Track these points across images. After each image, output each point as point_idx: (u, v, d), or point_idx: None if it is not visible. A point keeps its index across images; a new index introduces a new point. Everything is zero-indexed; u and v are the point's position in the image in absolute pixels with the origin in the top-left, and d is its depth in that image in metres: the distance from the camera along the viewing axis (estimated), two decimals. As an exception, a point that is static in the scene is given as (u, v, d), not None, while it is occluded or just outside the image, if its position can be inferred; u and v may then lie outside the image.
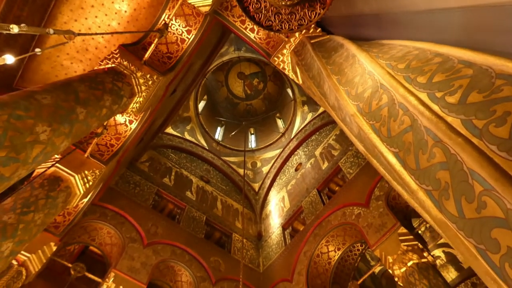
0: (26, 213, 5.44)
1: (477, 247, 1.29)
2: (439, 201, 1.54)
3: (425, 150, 1.68)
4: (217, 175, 13.73)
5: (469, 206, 1.34)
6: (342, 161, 10.57)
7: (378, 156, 2.26)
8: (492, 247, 1.21)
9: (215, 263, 9.65)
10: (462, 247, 1.41)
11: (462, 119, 1.48)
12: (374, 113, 2.30)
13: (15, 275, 6.61)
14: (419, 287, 6.22)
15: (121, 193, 9.41)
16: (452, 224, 1.45)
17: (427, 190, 1.65)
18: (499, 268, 1.18)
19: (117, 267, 7.68)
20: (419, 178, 1.73)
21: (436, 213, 1.58)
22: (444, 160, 1.52)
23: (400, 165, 1.92)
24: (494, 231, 1.20)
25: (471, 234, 1.33)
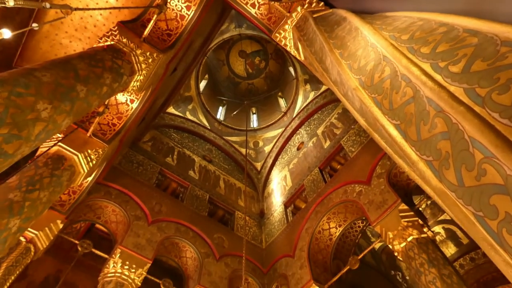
0: (32, 191, 5.53)
1: (475, 214, 1.30)
2: (439, 171, 1.55)
3: (426, 121, 1.67)
4: (219, 154, 13.80)
5: (469, 175, 1.34)
6: (344, 139, 10.56)
7: (380, 130, 2.25)
8: (490, 214, 1.22)
9: (218, 240, 9.87)
10: (460, 215, 1.43)
11: (465, 88, 1.46)
12: (376, 86, 2.27)
13: (23, 252, 6.80)
14: (418, 261, 6.35)
15: (124, 172, 9.52)
16: (451, 193, 1.46)
17: (427, 160, 1.65)
18: (497, 234, 1.20)
19: (123, 244, 7.87)
20: (420, 149, 1.72)
21: (436, 183, 1.59)
22: (445, 130, 1.51)
23: (401, 137, 1.91)
24: (493, 198, 1.21)
25: (470, 202, 1.34)
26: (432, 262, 6.16)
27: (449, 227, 12.58)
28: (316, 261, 8.88)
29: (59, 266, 10.34)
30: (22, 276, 9.62)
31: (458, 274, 6.15)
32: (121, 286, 7.33)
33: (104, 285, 7.30)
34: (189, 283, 8.89)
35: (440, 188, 1.56)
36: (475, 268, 11.35)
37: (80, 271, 10.68)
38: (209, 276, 8.68)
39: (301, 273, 8.62)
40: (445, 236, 12.64)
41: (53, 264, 10.39)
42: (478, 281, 10.99)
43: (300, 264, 8.86)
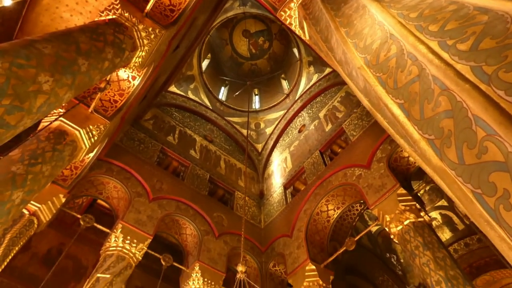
0: (34, 164, 5.58)
1: (474, 191, 1.31)
2: (440, 150, 1.55)
3: (430, 100, 1.65)
4: (221, 135, 13.81)
5: (469, 152, 1.34)
6: (346, 123, 10.52)
7: (383, 109, 2.24)
8: (488, 191, 1.23)
9: (218, 218, 10.04)
10: (459, 192, 1.44)
11: (471, 65, 1.44)
12: (382, 65, 2.24)
13: (27, 224, 6.93)
14: (413, 244, 6.47)
15: (126, 149, 9.56)
16: (451, 171, 1.47)
17: (429, 139, 1.65)
18: (494, 211, 1.22)
19: (124, 219, 8.01)
20: (422, 128, 1.72)
21: (436, 161, 1.60)
22: (449, 108, 1.50)
23: (404, 116, 1.90)
24: (493, 175, 1.21)
25: (469, 180, 1.35)
26: (427, 245, 6.28)
27: (445, 213, 12.74)
28: (313, 242, 9.06)
29: (61, 239, 10.59)
30: (26, 248, 9.87)
31: (452, 257, 6.28)
32: (122, 259, 7.52)
33: (106, 258, 7.48)
34: (189, 259, 9.11)
35: (440, 166, 1.56)
36: (469, 253, 11.58)
37: (83, 245, 10.95)
38: (208, 253, 8.88)
39: (298, 252, 8.82)
40: (441, 222, 12.83)
41: (56, 237, 10.63)
42: (470, 265, 11.24)
43: (297, 244, 9.04)
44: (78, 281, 10.09)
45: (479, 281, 11.05)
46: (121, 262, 7.44)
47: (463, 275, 5.78)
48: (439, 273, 5.72)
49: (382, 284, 12.18)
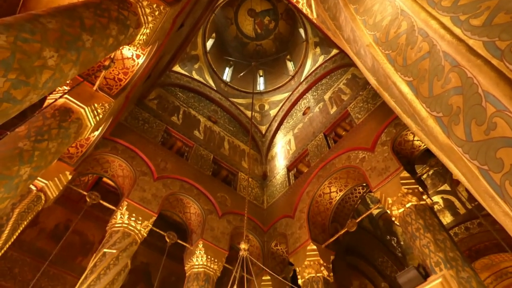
0: (40, 141, 5.64)
1: (480, 168, 1.32)
2: (448, 127, 1.54)
3: (440, 76, 1.63)
4: (225, 116, 13.78)
5: (478, 129, 1.33)
6: (351, 106, 10.43)
7: (391, 88, 2.21)
8: (495, 167, 1.23)
9: (221, 198, 10.18)
10: (464, 169, 1.44)
11: (484, 41, 1.40)
12: (391, 42, 2.19)
13: (34, 199, 7.09)
14: (414, 226, 6.54)
15: (130, 129, 9.60)
16: (458, 148, 1.46)
17: (437, 117, 1.64)
18: (499, 186, 1.22)
19: (130, 197, 8.15)
20: (430, 105, 1.70)
21: (443, 139, 1.59)
22: (459, 84, 1.48)
23: (412, 94, 1.88)
24: (500, 151, 1.21)
25: (475, 156, 1.35)
26: (428, 227, 6.34)
27: (448, 197, 12.79)
28: (315, 223, 9.19)
29: (68, 216, 10.84)
30: (34, 223, 10.14)
31: (452, 239, 6.35)
32: (128, 236, 7.71)
33: (112, 234, 7.67)
34: (193, 237, 9.31)
35: (447, 144, 1.56)
36: (469, 237, 11.70)
37: (89, 221, 11.21)
38: (212, 231, 9.06)
39: (300, 232, 8.96)
40: (443, 206, 12.89)
41: (63, 213, 10.88)
42: (470, 249, 11.38)
43: (299, 225, 9.17)
44: (85, 256, 10.40)
45: (477, 264, 11.22)
46: (126, 238, 7.63)
47: (462, 257, 5.86)
48: (439, 254, 5.81)
49: (381, 265, 12.42)
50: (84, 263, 9.98)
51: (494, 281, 11.64)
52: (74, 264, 10.15)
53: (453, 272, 5.46)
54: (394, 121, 8.40)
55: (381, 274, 12.29)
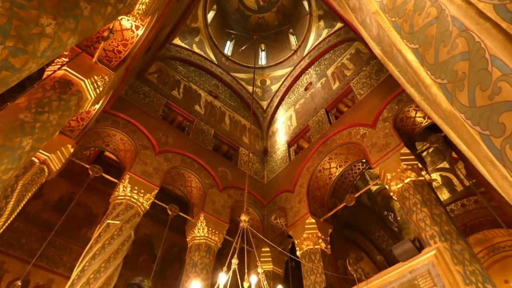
0: (41, 113, 5.64)
1: (481, 133, 1.32)
2: (452, 93, 1.53)
3: (447, 42, 1.60)
4: (226, 91, 13.65)
5: (482, 94, 1.33)
6: (354, 81, 10.30)
7: (395, 57, 2.17)
8: (496, 132, 1.24)
9: (222, 173, 10.29)
10: (466, 135, 1.45)
11: (495, 4, 1.36)
12: (398, 9, 2.13)
13: (38, 172, 7.18)
14: (412, 201, 6.65)
15: (131, 102, 9.55)
16: (461, 114, 1.46)
17: (441, 83, 1.62)
18: (499, 151, 1.23)
19: (132, 170, 8.24)
20: (435, 72, 1.68)
21: (447, 105, 1.59)
22: (466, 50, 1.45)
23: (417, 62, 1.86)
24: (503, 116, 1.21)
25: (478, 122, 1.35)
26: (425, 202, 6.45)
27: (446, 175, 12.91)
28: (314, 197, 9.34)
29: (72, 189, 11.01)
30: (38, 195, 10.32)
31: (448, 214, 6.48)
32: (131, 208, 7.87)
33: (115, 206, 7.82)
34: (194, 210, 9.50)
35: (450, 111, 1.56)
36: (464, 213, 11.92)
37: (92, 194, 11.40)
38: (213, 205, 9.24)
39: (299, 206, 9.13)
40: (441, 183, 13.04)
41: (67, 186, 11.05)
42: (465, 224, 11.62)
43: (299, 199, 9.33)
44: (89, 227, 10.67)
45: (471, 239, 11.50)
46: (129, 210, 7.80)
47: (457, 230, 6.00)
48: (434, 228, 5.94)
49: (378, 239, 12.75)
50: (89, 234, 10.25)
51: (486, 255, 11.99)
52: (79, 235, 10.44)
53: (447, 244, 5.61)
54: (397, 97, 8.33)
55: (377, 248, 12.64)
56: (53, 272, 9.38)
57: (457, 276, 5.16)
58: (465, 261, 5.34)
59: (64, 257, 9.79)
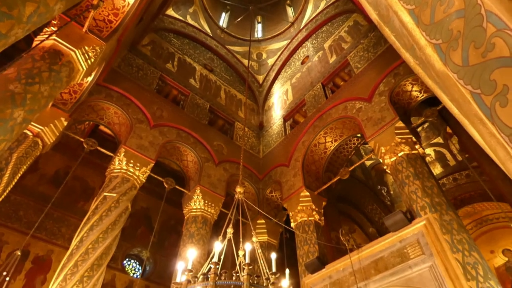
0: (32, 84, 5.52)
1: (473, 92, 1.32)
2: (446, 54, 1.51)
3: (443, 1, 1.56)
4: (221, 64, 13.40)
5: (475, 52, 1.31)
6: (351, 55, 10.14)
7: (391, 21, 2.12)
8: (488, 89, 1.23)
9: (218, 147, 10.31)
10: (457, 94, 1.45)
11: (493, -43, 1.32)
12: (395, -31, 2.06)
13: (32, 145, 7.15)
14: (404, 174, 6.76)
15: (124, 75, 9.37)
16: (453, 74, 1.45)
17: (436, 44, 1.60)
18: (489, 108, 1.23)
19: (127, 144, 8.23)
20: (430, 33, 1.65)
21: (440, 66, 1.57)
22: (462, 7, 1.42)
23: (413, 23, 1.82)
24: (495, 72, 1.20)
25: (470, 81, 1.34)
26: (417, 175, 6.56)
27: (440, 150, 13.07)
28: (309, 171, 9.45)
29: (67, 163, 11.02)
30: (34, 169, 10.32)
31: (439, 186, 6.61)
32: (127, 181, 7.92)
33: (111, 179, 7.87)
34: (190, 183, 9.60)
35: (443, 71, 1.54)
36: (455, 187, 12.19)
37: (89, 168, 11.44)
38: (209, 178, 9.32)
39: (294, 180, 9.25)
40: (434, 158, 13.22)
41: (62, 160, 11.05)
42: (455, 198, 11.91)
43: (294, 173, 9.44)
44: (86, 201, 10.79)
45: (460, 212, 11.82)
46: (126, 183, 7.86)
47: (447, 202, 6.15)
48: (425, 199, 6.08)
49: (371, 212, 13.07)
50: (86, 207, 10.35)
51: (474, 227, 12.39)
52: (76, 208, 10.57)
53: (437, 215, 5.77)
54: (394, 71, 8.26)
55: (369, 220, 12.98)
56: (53, 244, 9.57)
57: (444, 245, 5.35)
58: (453, 231, 5.51)
59: (63, 229, 9.96)
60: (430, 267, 5.35)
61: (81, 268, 6.25)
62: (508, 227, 11.63)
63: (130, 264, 11.34)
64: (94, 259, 6.47)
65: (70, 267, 6.20)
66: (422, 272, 5.42)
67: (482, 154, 8.39)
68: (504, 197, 8.22)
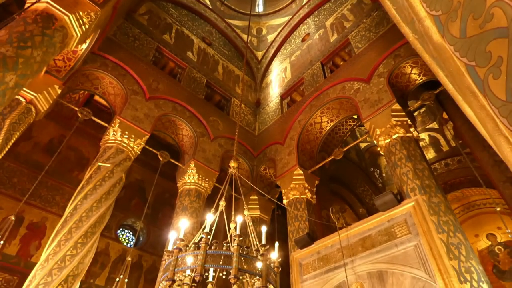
0: (24, 47, 5.40)
1: (467, 64, 1.31)
2: (444, 25, 1.49)
3: (447, -30, 1.52)
4: (220, 38, 13.10)
5: (473, 24, 1.29)
6: (352, 34, 9.95)
7: (393, -8, 2.07)
8: (482, 61, 1.23)
9: (213, 122, 10.27)
10: (452, 67, 1.44)
11: None
12: None
13: (25, 111, 7.06)
14: (397, 156, 6.83)
15: (120, 45, 9.15)
16: (450, 46, 1.44)
17: (435, 15, 1.57)
18: (482, 81, 1.23)
19: (122, 115, 8.16)
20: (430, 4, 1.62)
21: (437, 38, 1.55)
22: (463, -23, 1.39)
23: (414, -6, 1.78)
24: (491, 44, 1.19)
25: (465, 53, 1.33)
26: (410, 157, 6.64)
27: (434, 135, 13.16)
28: (304, 150, 9.50)
29: (62, 132, 10.96)
30: (28, 137, 10.26)
31: (430, 169, 6.71)
32: (121, 152, 7.92)
33: (105, 149, 7.86)
34: (185, 157, 9.63)
35: (440, 43, 1.53)
36: (446, 172, 12.38)
37: (83, 139, 11.40)
38: (203, 153, 9.35)
39: (288, 158, 9.32)
40: (428, 143, 13.33)
41: (56, 129, 10.98)
42: (446, 183, 12.12)
43: (288, 151, 9.49)
44: (81, 171, 10.81)
45: (449, 197, 12.07)
46: (120, 154, 7.86)
47: (437, 185, 6.26)
48: (416, 182, 6.18)
49: (362, 193, 13.30)
50: (81, 176, 10.37)
51: (462, 211, 12.71)
52: (71, 177, 10.61)
53: (425, 197, 5.88)
54: (395, 52, 8.16)
55: (360, 201, 13.24)
56: (47, 211, 9.67)
57: (431, 225, 5.49)
58: (440, 212, 5.65)
59: (57, 197, 10.04)
60: (415, 246, 5.52)
61: (75, 234, 6.36)
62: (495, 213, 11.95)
63: (124, 234, 11.55)
64: (88, 227, 6.57)
65: (64, 233, 6.29)
66: (407, 251, 5.60)
67: (475, 140, 8.49)
68: (493, 183, 8.38)
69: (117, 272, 9.44)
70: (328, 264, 6.73)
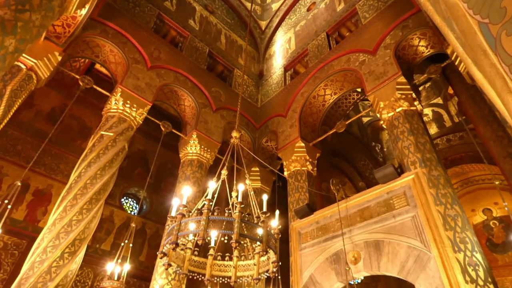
0: (22, 11, 5.25)
1: (480, 22, 1.28)
2: (459, -18, 1.44)
3: None
4: (223, 6, 12.67)
5: (490, -22, 1.24)
6: (360, 3, 9.60)
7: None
8: (496, 18, 1.19)
9: (216, 93, 10.18)
10: (464, 26, 1.40)
11: None
12: None
13: (26, 78, 7.01)
14: (400, 129, 6.81)
15: (120, 11, 8.89)
16: (464, 4, 1.39)
17: (449, -28, 1.51)
18: (494, 38, 1.20)
19: (123, 84, 8.09)
20: (445, -40, 1.56)
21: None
22: None
23: (429, -50, 1.70)
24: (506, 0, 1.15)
25: (479, 10, 1.29)
26: (412, 131, 6.62)
27: (438, 110, 13.05)
28: (306, 123, 9.48)
29: (63, 101, 10.92)
30: (30, 105, 10.25)
31: (432, 143, 6.71)
32: (123, 121, 7.93)
33: (108, 118, 7.87)
34: (187, 128, 9.64)
35: (454, 1, 1.48)
36: (448, 148, 12.39)
37: (86, 108, 11.38)
38: (205, 124, 9.35)
39: (290, 131, 9.32)
40: (431, 118, 13.25)
41: (58, 98, 10.94)
42: (446, 158, 12.18)
43: (291, 124, 9.47)
44: (84, 140, 10.88)
45: (449, 172, 12.16)
46: (122, 123, 7.87)
47: (437, 158, 6.29)
48: (417, 155, 6.21)
49: (362, 167, 13.41)
50: (84, 145, 10.47)
51: (460, 186, 12.87)
52: (74, 146, 10.69)
53: (425, 170, 5.93)
54: (403, 23, 7.91)
55: (360, 175, 13.37)
56: (52, 179, 9.85)
57: (429, 197, 5.58)
58: (439, 185, 5.72)
59: (61, 165, 10.18)
60: (412, 217, 5.64)
61: (80, 201, 6.51)
62: (492, 188, 12.10)
63: (127, 202, 11.82)
64: (93, 194, 6.71)
65: (70, 199, 6.44)
66: (404, 221, 5.72)
67: (479, 115, 8.44)
68: (494, 159, 8.41)
69: (122, 238, 9.74)
70: (326, 233, 6.92)
